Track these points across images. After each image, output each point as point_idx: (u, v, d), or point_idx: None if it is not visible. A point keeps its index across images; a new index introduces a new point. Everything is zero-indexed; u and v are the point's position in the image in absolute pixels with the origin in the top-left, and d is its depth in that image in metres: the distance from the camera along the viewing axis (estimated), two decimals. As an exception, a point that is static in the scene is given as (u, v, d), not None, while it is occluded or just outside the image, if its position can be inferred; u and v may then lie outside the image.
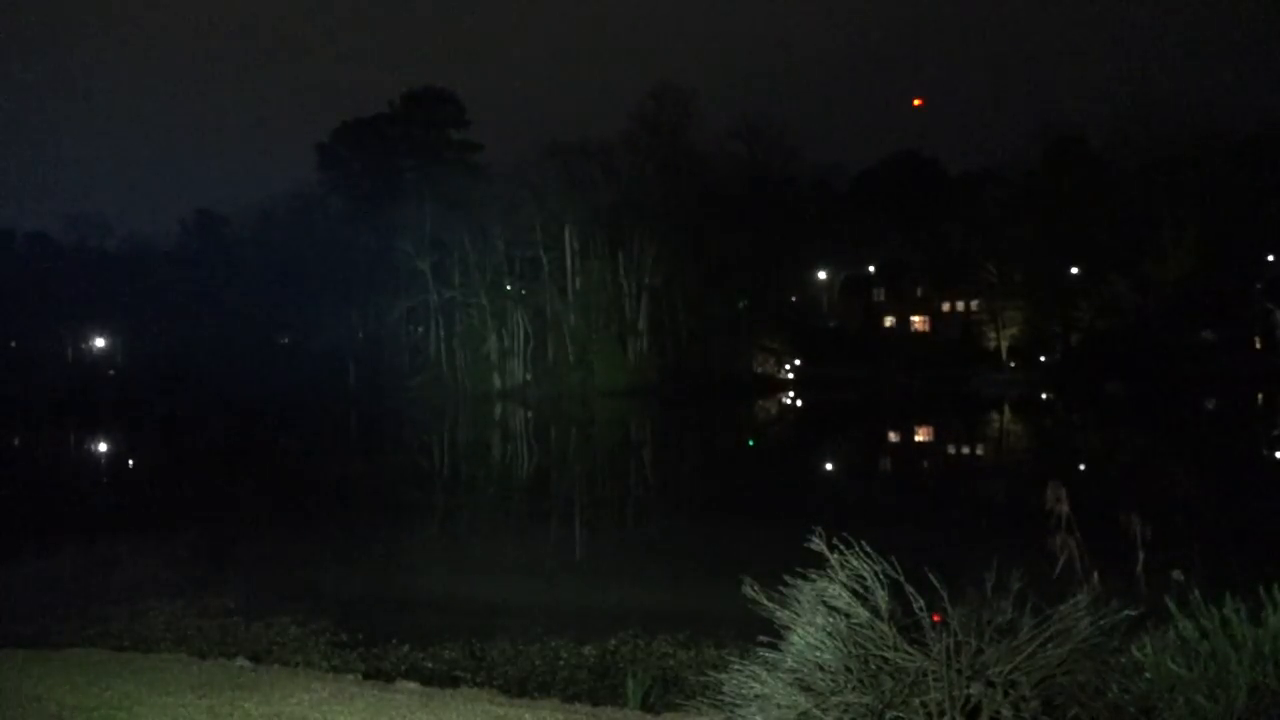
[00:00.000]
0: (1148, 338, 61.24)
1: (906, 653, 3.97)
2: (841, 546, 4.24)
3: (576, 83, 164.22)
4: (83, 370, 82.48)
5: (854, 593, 4.17)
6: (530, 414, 56.53)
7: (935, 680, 3.86)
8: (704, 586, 12.25)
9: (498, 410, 59.97)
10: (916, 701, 3.85)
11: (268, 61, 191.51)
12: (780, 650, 4.18)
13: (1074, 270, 68.53)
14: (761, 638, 4.31)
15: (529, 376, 69.53)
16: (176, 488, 27.68)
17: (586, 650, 8.82)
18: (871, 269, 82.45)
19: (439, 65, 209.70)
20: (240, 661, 7.88)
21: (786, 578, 4.34)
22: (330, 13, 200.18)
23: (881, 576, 4.16)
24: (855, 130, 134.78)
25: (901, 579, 4.18)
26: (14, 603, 12.00)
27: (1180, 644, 4.04)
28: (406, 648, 9.07)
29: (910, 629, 4.08)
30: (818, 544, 4.28)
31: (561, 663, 8.49)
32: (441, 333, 71.75)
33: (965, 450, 35.27)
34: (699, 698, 4.67)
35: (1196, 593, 4.34)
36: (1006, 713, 3.76)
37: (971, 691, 3.81)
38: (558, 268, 69.91)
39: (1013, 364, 68.35)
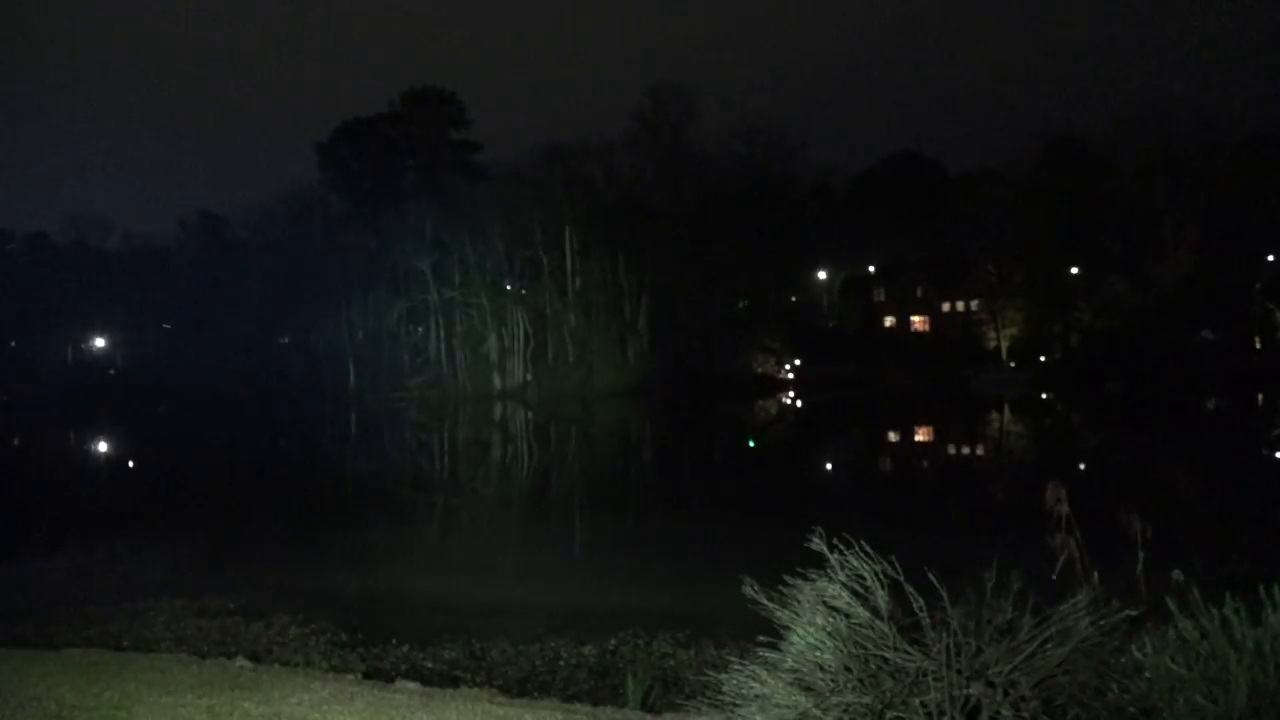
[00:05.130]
0: (1148, 338, 61.21)
1: (906, 653, 3.97)
2: (841, 546, 4.24)
3: (576, 83, 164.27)
4: (83, 370, 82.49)
5: (854, 593, 4.16)
6: (530, 414, 56.53)
7: (935, 680, 3.85)
8: (704, 586, 12.23)
9: (498, 410, 60.00)
10: (916, 701, 3.85)
11: (268, 61, 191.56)
12: (780, 650, 4.18)
13: (1074, 270, 68.50)
14: (761, 638, 4.31)
15: (529, 376, 69.53)
16: (176, 488, 27.68)
17: (586, 650, 8.82)
18: (871, 269, 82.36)
19: (439, 65, 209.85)
20: (240, 661, 7.87)
21: (786, 578, 4.33)
22: (331, 12, 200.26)
23: (881, 576, 4.16)
24: (855, 130, 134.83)
25: (901, 579, 4.18)
26: (14, 603, 11.99)
27: (1180, 644, 4.04)
28: (406, 648, 9.06)
29: (910, 629, 4.08)
30: (818, 544, 4.28)
31: (561, 663, 8.48)
32: (441, 333, 71.73)
33: (965, 450, 35.27)
34: (699, 698, 4.67)
35: (1196, 593, 4.33)
36: (1006, 713, 3.76)
37: (971, 691, 3.81)
38: (558, 268, 69.91)
39: (1013, 364, 68.31)
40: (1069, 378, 60.94)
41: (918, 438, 40.03)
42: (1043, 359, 67.49)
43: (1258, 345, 61.78)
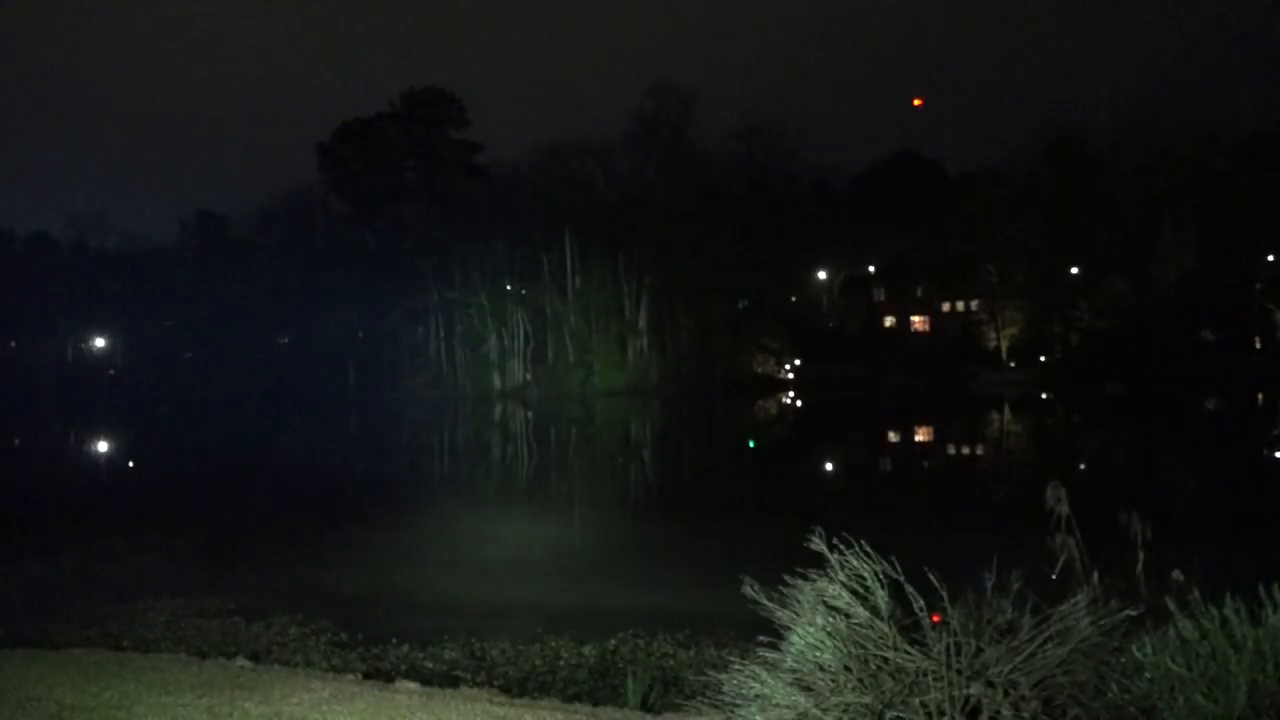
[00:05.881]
0: (1148, 338, 61.22)
1: (906, 653, 3.97)
2: (841, 546, 4.24)
3: (576, 83, 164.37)
4: (83, 370, 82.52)
5: (854, 593, 4.16)
6: (530, 414, 56.52)
7: (935, 680, 3.86)
8: (704, 586, 12.23)
9: (497, 410, 59.98)
10: (916, 701, 3.85)
11: (268, 61, 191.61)
12: (780, 650, 4.18)
13: (1074, 270, 68.52)
14: (761, 638, 4.31)
15: (529, 376, 69.55)
16: (176, 488, 27.68)
17: (586, 650, 8.82)
18: (871, 269, 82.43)
19: (439, 65, 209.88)
20: (240, 661, 7.87)
21: (786, 578, 4.33)
22: (331, 12, 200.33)
23: (881, 576, 4.16)
24: (855, 130, 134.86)
25: (902, 579, 4.18)
26: (14, 603, 11.99)
27: (1180, 644, 4.04)
28: (406, 648, 9.06)
29: (910, 629, 4.08)
30: (817, 544, 4.28)
31: (561, 663, 8.48)
32: (441, 333, 71.76)
33: (965, 450, 35.27)
34: (699, 698, 4.67)
35: (1196, 593, 4.34)
36: (1006, 713, 3.76)
37: (971, 691, 3.81)
38: (558, 268, 69.91)
39: (1013, 364, 68.34)
40: (1069, 378, 60.96)
41: (918, 438, 40.03)
42: (1043, 359, 67.52)
43: (1258, 345, 61.73)
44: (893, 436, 40.60)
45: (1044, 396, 56.97)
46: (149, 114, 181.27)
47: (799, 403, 62.38)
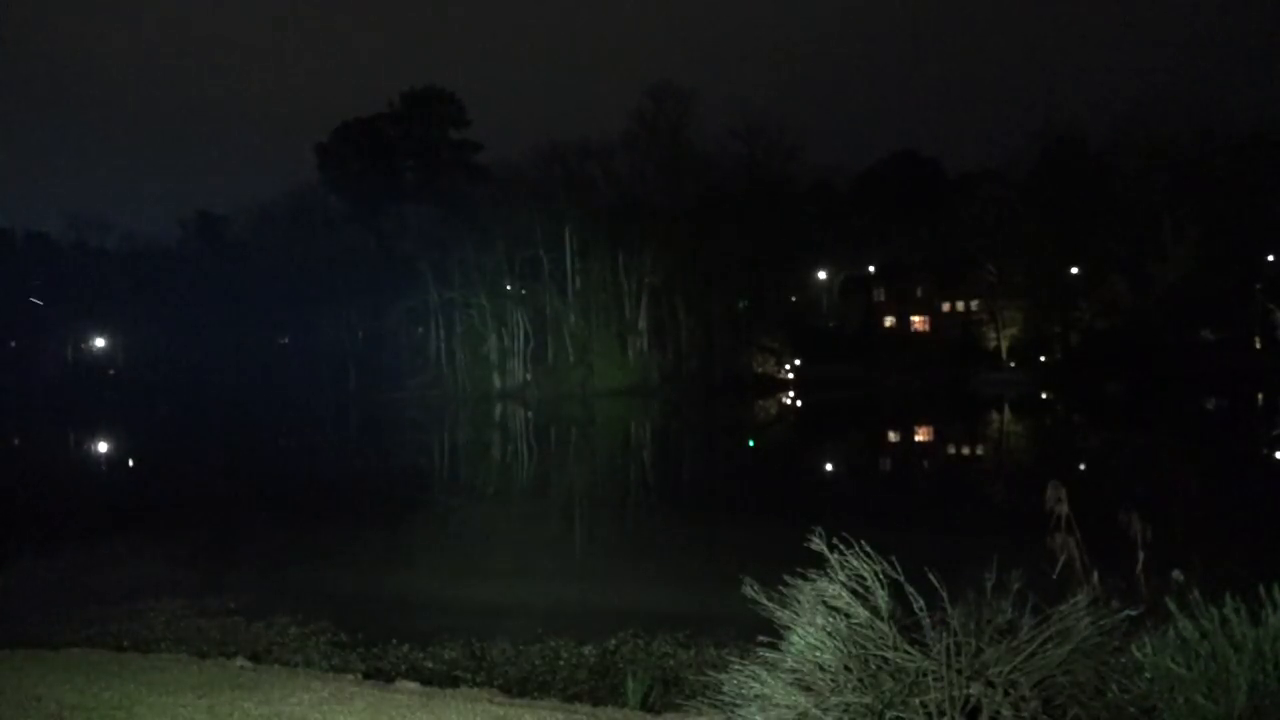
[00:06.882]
0: (1148, 338, 61.20)
1: (906, 653, 3.97)
2: (841, 546, 4.24)
3: (576, 83, 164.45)
4: (83, 370, 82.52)
5: (854, 593, 4.16)
6: (530, 414, 56.51)
7: (935, 680, 3.86)
8: (704, 586, 12.24)
9: (497, 410, 59.96)
10: (916, 701, 3.85)
11: (268, 61, 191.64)
12: (780, 650, 4.18)
13: (1074, 270, 68.48)
14: (761, 638, 4.31)
15: (529, 376, 69.51)
16: (176, 487, 27.67)
17: (586, 650, 8.82)
18: (871, 269, 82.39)
19: (439, 65, 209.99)
20: (240, 661, 7.87)
21: (786, 578, 4.33)
22: (331, 12, 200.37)
23: (881, 576, 4.16)
24: (855, 130, 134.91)
25: (902, 579, 4.18)
26: (14, 603, 11.99)
27: (1180, 644, 4.05)
28: (406, 648, 9.06)
29: (910, 629, 4.08)
30: (818, 544, 4.28)
31: (561, 663, 8.48)
32: (441, 333, 71.71)
33: (965, 450, 35.26)
34: (699, 698, 4.67)
35: (1196, 593, 4.34)
36: (1006, 713, 3.76)
37: (971, 691, 3.81)
38: (558, 268, 69.89)
39: (1013, 364, 68.30)
40: (1069, 378, 60.92)
41: (917, 438, 40.02)
42: (1043, 359, 67.47)
43: (1258, 345, 61.72)
44: (893, 436, 40.59)
45: (1044, 396, 56.96)
46: (149, 114, 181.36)
47: (799, 403, 62.36)
